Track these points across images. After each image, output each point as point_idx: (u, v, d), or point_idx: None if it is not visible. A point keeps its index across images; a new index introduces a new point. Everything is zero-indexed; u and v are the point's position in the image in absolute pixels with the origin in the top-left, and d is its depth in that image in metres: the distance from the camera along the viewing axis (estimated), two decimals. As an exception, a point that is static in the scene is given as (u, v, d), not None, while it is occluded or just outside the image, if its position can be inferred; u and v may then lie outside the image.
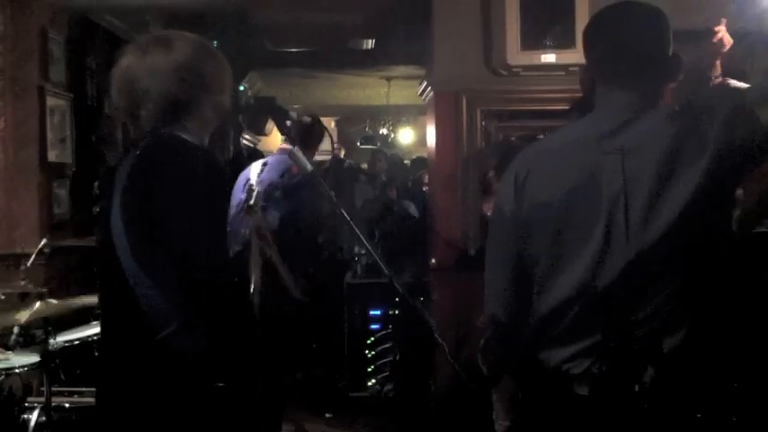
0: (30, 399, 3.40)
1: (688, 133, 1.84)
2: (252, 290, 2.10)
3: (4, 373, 3.34)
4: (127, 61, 2.07)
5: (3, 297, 3.80)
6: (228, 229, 2.01)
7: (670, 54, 1.99)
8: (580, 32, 4.90)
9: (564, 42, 5.02)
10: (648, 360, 1.82)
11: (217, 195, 1.96)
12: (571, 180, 1.91)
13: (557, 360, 1.91)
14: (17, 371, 3.37)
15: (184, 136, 2.04)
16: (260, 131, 9.50)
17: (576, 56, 4.93)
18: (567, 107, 4.51)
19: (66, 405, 3.35)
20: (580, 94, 3.77)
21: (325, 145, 4.60)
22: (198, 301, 1.88)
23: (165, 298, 1.89)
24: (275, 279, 2.24)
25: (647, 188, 1.82)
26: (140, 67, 2.04)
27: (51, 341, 3.44)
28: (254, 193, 2.25)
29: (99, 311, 3.46)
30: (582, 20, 4.95)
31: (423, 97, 5.77)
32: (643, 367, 1.82)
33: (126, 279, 1.93)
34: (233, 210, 2.28)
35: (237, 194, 3.08)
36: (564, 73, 5.00)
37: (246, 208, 2.21)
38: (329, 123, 11.40)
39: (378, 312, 5.42)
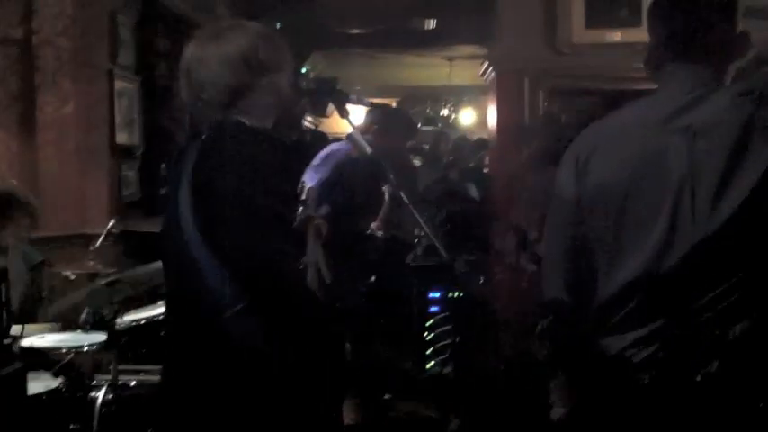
0: (98, 376, 3.48)
1: (757, 116, 1.78)
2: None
3: (73, 351, 3.44)
4: (188, 51, 2.12)
5: (73, 277, 3.90)
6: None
7: (738, 31, 1.93)
8: (646, 10, 4.82)
9: (630, 20, 4.93)
10: (711, 348, 1.78)
11: (282, 180, 1.97)
12: (635, 161, 1.86)
13: (618, 347, 1.87)
14: (86, 349, 3.47)
15: (246, 121, 2.06)
16: (322, 113, 9.54)
17: (642, 34, 4.82)
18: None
19: (133, 383, 3.44)
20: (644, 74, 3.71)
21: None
22: (262, 286, 1.90)
23: (232, 279, 1.92)
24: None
25: (715, 171, 1.77)
26: (198, 57, 2.08)
27: (119, 320, 3.53)
28: (306, 193, 2.28)
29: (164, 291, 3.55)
30: (648, -3, 4.85)
31: (485, 77, 5.72)
32: (706, 355, 1.78)
33: (193, 260, 1.97)
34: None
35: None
36: (630, 52, 4.90)
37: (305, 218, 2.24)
38: (390, 104, 11.38)
39: (437, 294, 5.42)
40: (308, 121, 9.25)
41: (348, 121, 2.53)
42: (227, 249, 1.91)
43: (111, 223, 4.19)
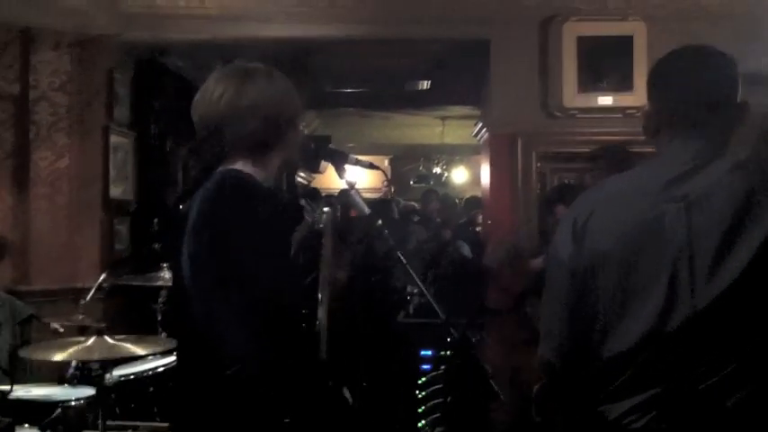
0: (86, 432, 3.43)
1: (757, 186, 1.79)
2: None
3: (60, 405, 3.39)
4: (207, 91, 2.03)
5: (62, 330, 3.87)
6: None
7: (738, 100, 1.93)
8: (638, 75, 4.91)
9: (621, 85, 5.02)
10: (710, 417, 1.77)
11: (284, 234, 1.95)
12: (633, 227, 1.85)
13: (616, 413, 1.85)
14: (73, 404, 3.42)
15: (248, 170, 1.99)
16: (314, 169, 9.58)
17: (633, 98, 4.92)
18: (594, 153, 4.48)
19: (122, 439, 3.39)
20: (638, 137, 3.76)
21: (377, 182, 4.63)
22: (266, 339, 1.87)
23: (235, 334, 1.89)
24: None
25: (713, 241, 1.77)
26: (219, 100, 1.99)
27: (107, 375, 3.49)
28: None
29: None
30: (640, 63, 4.95)
31: (478, 138, 5.79)
32: (704, 424, 1.77)
33: (196, 314, 1.94)
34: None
35: None
36: (621, 115, 4.98)
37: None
38: (383, 162, 11.45)
39: (429, 353, 5.39)
40: (300, 177, 9.28)
41: (346, 181, 2.53)
42: (228, 302, 1.89)
43: (102, 277, 4.17)
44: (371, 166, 3.10)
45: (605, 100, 5.06)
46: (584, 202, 1.99)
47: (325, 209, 2.53)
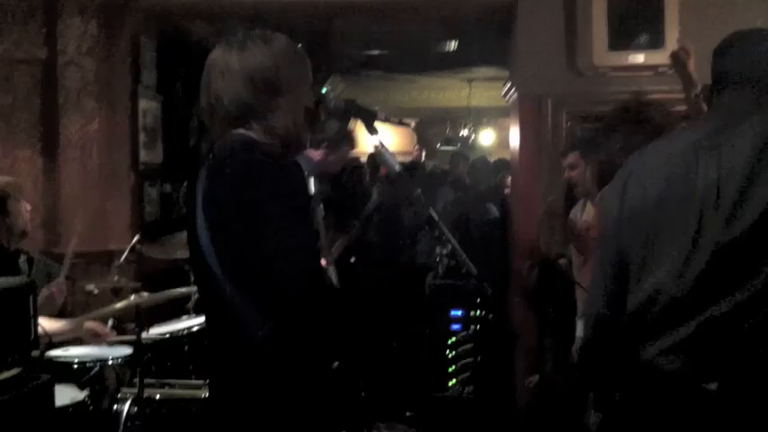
0: (123, 390, 3.49)
1: None
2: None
3: (98, 364, 3.45)
4: (211, 58, 2.08)
5: (97, 292, 3.92)
6: None
7: None
8: (669, 32, 4.80)
9: (652, 42, 4.94)
10: (737, 356, 1.82)
11: (294, 197, 1.93)
12: (664, 179, 1.94)
13: (650, 356, 1.92)
14: (110, 362, 3.48)
15: (256, 137, 2.02)
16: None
17: (664, 56, 4.84)
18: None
19: (157, 397, 3.44)
20: (669, 96, 3.72)
21: (406, 145, 4.60)
22: (284, 305, 1.88)
23: (251, 301, 1.91)
24: None
25: (738, 184, 1.84)
26: (216, 69, 2.04)
27: (144, 334, 3.54)
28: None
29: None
30: (672, 19, 4.87)
31: (506, 99, 5.74)
32: (732, 363, 1.82)
33: (215, 281, 1.95)
34: None
35: None
36: (652, 73, 4.91)
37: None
38: (410, 124, 11.41)
39: (459, 313, 5.41)
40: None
41: (377, 141, 2.53)
42: (241, 270, 1.90)
43: (134, 239, 4.22)
44: (401, 123, 3.09)
45: (636, 58, 4.98)
46: (627, 164, 2.10)
47: (311, 179, 2.57)
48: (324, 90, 7.88)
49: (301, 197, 1.95)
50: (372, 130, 2.53)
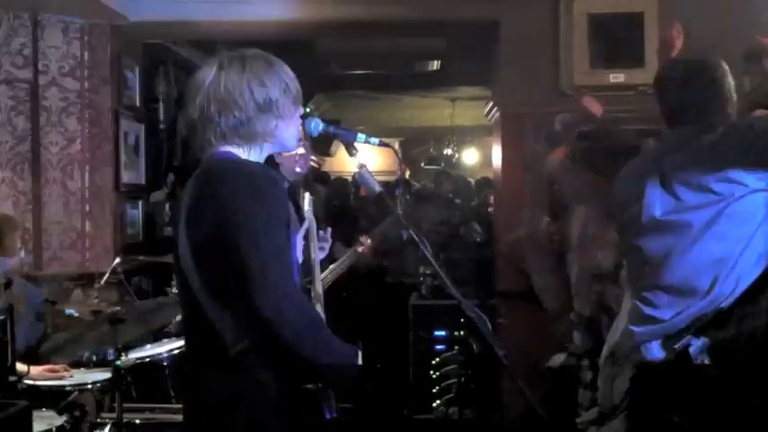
0: (102, 415, 3.45)
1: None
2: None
3: (77, 389, 3.41)
4: (200, 75, 2.07)
5: (77, 315, 3.89)
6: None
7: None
8: (650, 52, 4.88)
9: (633, 62, 4.97)
10: None
11: (275, 214, 1.92)
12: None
13: None
14: (89, 387, 3.44)
15: (240, 154, 2.03)
16: (325, 153, 9.58)
17: (645, 75, 4.87)
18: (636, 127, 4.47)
19: (137, 421, 3.40)
20: (650, 114, 3.74)
21: (389, 164, 4.60)
22: (260, 322, 1.87)
23: (231, 318, 1.90)
24: None
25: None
26: (212, 84, 2.02)
27: (123, 358, 3.51)
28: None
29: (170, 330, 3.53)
30: (652, 39, 4.89)
31: (489, 118, 5.76)
32: None
33: (195, 297, 1.95)
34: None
35: None
36: (633, 92, 4.94)
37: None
38: (394, 144, 11.42)
39: (443, 333, 5.40)
40: (312, 160, 9.29)
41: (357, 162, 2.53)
42: (222, 289, 1.89)
43: (115, 262, 4.19)
44: (381, 143, 3.09)
45: (617, 77, 5.01)
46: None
47: (306, 194, 2.57)
48: (307, 109, 7.89)
49: (281, 212, 1.94)
50: (352, 151, 2.52)
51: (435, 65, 7.75)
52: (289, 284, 1.88)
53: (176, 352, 3.76)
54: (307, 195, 2.61)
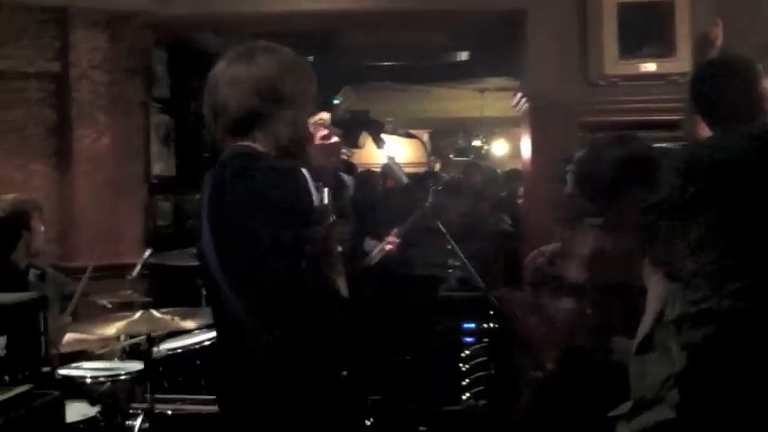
0: (134, 405, 3.48)
1: None
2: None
3: (109, 379, 3.45)
4: (217, 68, 2.10)
5: (110, 306, 3.93)
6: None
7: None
8: (680, 40, 4.84)
9: (663, 51, 4.91)
10: None
11: (292, 206, 1.94)
12: None
13: None
14: (122, 378, 3.47)
15: (259, 148, 2.04)
16: (353, 145, 9.55)
17: (675, 64, 4.82)
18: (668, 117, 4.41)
19: (169, 412, 3.42)
20: (679, 104, 3.69)
21: (418, 156, 4.59)
22: (279, 314, 1.88)
23: (254, 310, 1.91)
24: None
25: None
26: (223, 78, 2.06)
27: (155, 349, 3.53)
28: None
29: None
30: (682, 28, 4.84)
31: (517, 109, 5.72)
32: None
33: (219, 290, 1.97)
34: None
35: None
36: (664, 82, 4.88)
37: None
38: (422, 136, 11.40)
39: (472, 325, 5.38)
40: (342, 152, 9.29)
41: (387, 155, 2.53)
42: (244, 279, 1.90)
43: (147, 253, 4.22)
44: (409, 135, 3.08)
45: (647, 66, 4.96)
46: None
47: (326, 189, 2.57)
48: (335, 101, 7.91)
49: (300, 205, 1.94)
50: (379, 143, 2.52)
51: (464, 56, 7.71)
52: (288, 277, 1.88)
53: (208, 343, 3.78)
54: (326, 190, 2.61)
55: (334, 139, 2.95)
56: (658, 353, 2.61)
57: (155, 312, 3.31)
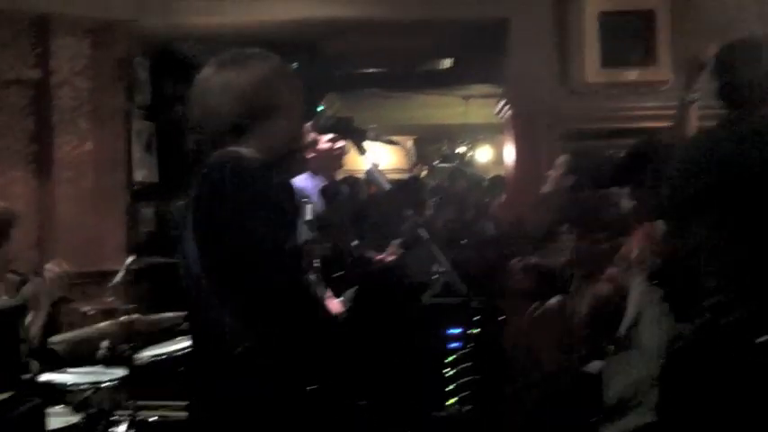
0: (117, 412, 3.46)
1: None
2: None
3: (92, 387, 3.42)
4: (201, 75, 2.06)
5: (92, 312, 3.90)
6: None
7: None
8: (661, 49, 4.88)
9: (645, 59, 4.95)
10: None
11: (277, 210, 1.93)
12: None
13: None
14: (105, 385, 3.45)
15: (245, 153, 1.99)
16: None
17: (656, 73, 4.86)
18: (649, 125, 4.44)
19: (152, 419, 3.41)
20: (661, 112, 3.72)
21: (402, 162, 4.58)
22: (262, 316, 1.88)
23: (235, 316, 1.90)
24: None
25: None
26: (210, 83, 2.03)
27: (138, 356, 3.51)
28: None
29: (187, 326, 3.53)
30: (664, 36, 4.88)
31: (500, 116, 5.75)
32: None
33: (200, 296, 1.96)
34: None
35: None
36: (645, 90, 4.92)
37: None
38: (406, 143, 11.39)
39: (458, 330, 5.38)
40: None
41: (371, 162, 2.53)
42: (226, 285, 1.90)
43: (129, 260, 4.19)
44: (391, 142, 3.09)
45: (629, 75, 5.00)
46: None
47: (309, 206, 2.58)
48: (319, 108, 7.90)
49: (281, 210, 1.94)
50: (362, 150, 2.52)
51: (447, 63, 7.73)
52: (269, 280, 1.88)
53: (191, 350, 3.76)
54: (309, 207, 2.62)
55: (340, 143, 2.94)
56: (637, 351, 2.63)
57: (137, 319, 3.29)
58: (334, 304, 2.39)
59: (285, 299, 1.86)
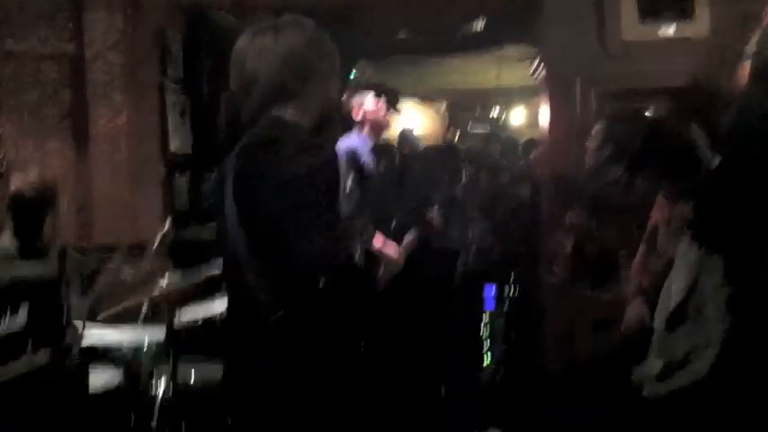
0: (157, 371, 3.50)
1: None
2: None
3: (133, 348, 3.47)
4: (239, 44, 2.11)
5: (130, 279, 3.95)
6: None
7: None
8: (699, 3, 4.78)
9: (682, 13, 4.84)
10: None
11: (321, 177, 1.93)
12: None
13: None
14: (145, 346, 3.50)
15: (289, 119, 2.05)
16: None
17: (695, 27, 4.75)
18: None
19: (191, 380, 3.45)
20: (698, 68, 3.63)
21: (436, 129, 4.55)
22: (301, 284, 1.87)
23: (274, 282, 1.90)
24: None
25: None
26: (249, 51, 2.06)
27: (177, 318, 3.55)
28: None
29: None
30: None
31: (535, 76, 5.67)
32: None
33: (240, 262, 1.96)
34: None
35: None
36: (682, 46, 4.81)
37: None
38: (439, 108, 11.32)
39: (492, 293, 5.38)
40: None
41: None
42: (266, 251, 1.89)
43: (165, 228, 4.23)
44: (425, 102, 3.07)
45: (665, 31, 4.88)
46: None
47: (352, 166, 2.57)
48: (352, 75, 7.86)
49: (326, 179, 1.94)
50: (396, 109, 2.51)
51: (480, 25, 7.62)
52: (311, 251, 1.86)
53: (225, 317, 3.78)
54: (350, 178, 2.62)
55: (382, 109, 2.91)
56: (691, 321, 2.56)
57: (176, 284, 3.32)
58: (392, 247, 2.38)
59: (326, 266, 1.86)
